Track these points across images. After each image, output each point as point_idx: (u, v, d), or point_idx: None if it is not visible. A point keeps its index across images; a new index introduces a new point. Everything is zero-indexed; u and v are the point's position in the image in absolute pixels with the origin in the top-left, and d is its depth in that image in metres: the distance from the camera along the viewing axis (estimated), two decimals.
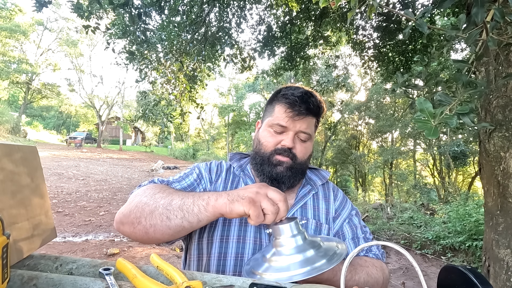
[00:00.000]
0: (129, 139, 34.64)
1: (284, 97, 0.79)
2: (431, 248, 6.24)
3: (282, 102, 0.79)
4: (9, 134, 19.35)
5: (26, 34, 23.56)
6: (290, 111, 0.77)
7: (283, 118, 0.78)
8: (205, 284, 0.48)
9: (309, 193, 0.86)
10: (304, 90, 0.80)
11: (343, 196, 0.91)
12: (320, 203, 0.86)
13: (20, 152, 0.53)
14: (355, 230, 0.83)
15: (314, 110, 0.79)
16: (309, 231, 0.78)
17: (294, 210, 0.81)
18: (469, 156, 13.37)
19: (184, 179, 0.83)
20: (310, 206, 0.84)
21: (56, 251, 4.01)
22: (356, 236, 0.82)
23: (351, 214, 0.87)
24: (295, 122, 0.77)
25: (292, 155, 0.79)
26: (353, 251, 0.44)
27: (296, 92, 0.78)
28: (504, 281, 1.71)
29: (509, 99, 1.68)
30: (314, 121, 0.82)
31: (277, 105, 0.80)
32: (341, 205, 0.88)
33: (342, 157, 19.61)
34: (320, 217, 0.83)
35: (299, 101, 0.76)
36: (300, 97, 0.77)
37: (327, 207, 0.86)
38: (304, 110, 0.77)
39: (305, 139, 0.80)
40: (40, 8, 2.83)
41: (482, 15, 0.78)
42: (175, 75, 4.75)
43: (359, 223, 0.86)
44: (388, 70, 5.14)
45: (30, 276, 0.46)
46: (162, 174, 13.28)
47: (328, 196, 0.89)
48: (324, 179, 0.91)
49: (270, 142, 0.80)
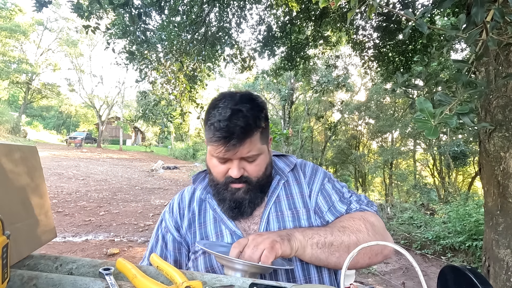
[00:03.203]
0: (129, 139, 34.64)
1: (211, 130, 0.68)
2: (431, 248, 6.24)
3: (211, 136, 0.68)
4: (9, 134, 19.35)
5: (26, 34, 23.58)
6: (222, 148, 0.68)
7: (218, 154, 0.70)
8: (205, 284, 0.48)
9: (278, 184, 0.83)
10: (232, 110, 0.67)
11: (311, 169, 0.87)
12: (293, 189, 0.83)
13: (20, 152, 0.53)
14: (328, 199, 0.80)
15: (250, 131, 0.68)
16: (286, 224, 0.77)
17: (268, 210, 0.79)
18: (469, 156, 13.37)
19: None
20: (283, 197, 0.81)
21: (56, 251, 4.01)
22: (332, 205, 0.78)
23: (323, 184, 0.83)
24: (234, 153, 0.69)
25: (245, 179, 0.74)
26: (352, 252, 0.44)
27: (223, 118, 0.67)
28: (504, 281, 1.71)
29: (509, 99, 1.68)
30: (257, 136, 0.71)
31: (209, 140, 0.70)
32: (311, 179, 0.84)
33: (342, 157, 19.62)
34: (296, 203, 0.80)
35: (228, 133, 0.66)
36: (227, 129, 0.66)
37: (301, 189, 0.83)
38: (237, 140, 0.67)
39: (253, 159, 0.73)
40: (40, 8, 2.83)
41: (482, 15, 0.78)
42: (175, 75, 4.75)
43: (332, 187, 0.82)
44: (388, 70, 5.13)
45: (30, 276, 0.46)
46: (162, 175, 13.28)
47: (298, 177, 0.85)
48: (292, 164, 0.87)
49: (219, 172, 0.74)
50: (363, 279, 5.03)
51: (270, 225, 0.78)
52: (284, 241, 0.63)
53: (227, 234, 0.78)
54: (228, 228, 0.79)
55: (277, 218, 0.78)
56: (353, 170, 21.09)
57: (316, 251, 0.67)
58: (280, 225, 0.77)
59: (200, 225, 0.82)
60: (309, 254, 0.67)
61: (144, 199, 7.82)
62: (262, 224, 0.77)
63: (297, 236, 0.67)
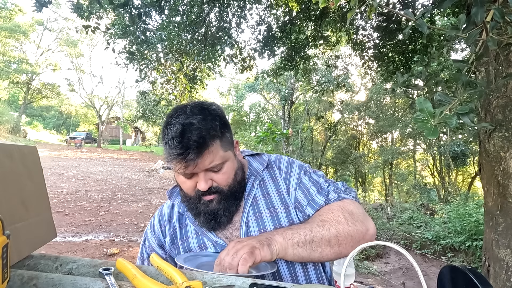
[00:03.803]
0: (129, 139, 34.64)
1: (167, 151, 0.67)
2: (431, 248, 6.24)
3: (169, 157, 0.67)
4: (9, 134, 19.36)
5: (26, 34, 23.58)
6: (180, 166, 0.66)
7: (180, 169, 0.68)
8: (205, 284, 0.48)
9: (254, 185, 0.81)
10: (182, 127, 0.66)
11: (287, 164, 0.85)
12: (269, 187, 0.82)
13: (20, 152, 0.53)
14: (307, 193, 0.78)
15: (206, 142, 0.67)
16: (265, 225, 0.77)
17: (246, 212, 0.78)
18: (469, 156, 13.38)
19: None
20: (260, 198, 0.80)
21: (56, 251, 4.01)
22: (311, 199, 0.77)
23: (299, 178, 0.81)
24: (194, 166, 0.67)
25: (215, 189, 0.72)
26: (352, 252, 0.44)
27: (175, 135, 0.65)
28: (504, 281, 1.71)
29: (509, 99, 1.68)
30: (216, 144, 0.69)
31: (168, 160, 0.69)
32: (287, 174, 0.83)
33: (342, 157, 19.62)
34: (274, 202, 0.79)
35: (182, 150, 0.64)
36: (180, 146, 0.64)
37: (277, 186, 0.81)
38: (194, 155, 0.65)
39: (218, 168, 0.71)
40: (40, 8, 2.83)
41: (482, 15, 0.78)
42: (175, 75, 4.76)
43: (309, 180, 0.81)
44: (388, 70, 5.13)
45: (30, 276, 0.46)
46: (162, 175, 13.28)
47: (274, 175, 0.84)
48: (265, 162, 0.85)
49: (188, 188, 0.73)
50: (363, 279, 5.03)
51: (250, 228, 0.77)
52: (264, 246, 0.63)
53: (210, 246, 0.78)
54: (210, 240, 0.78)
55: (256, 220, 0.77)
56: (353, 170, 21.10)
57: (298, 251, 0.67)
58: (260, 226, 0.76)
59: (182, 240, 0.82)
60: (291, 255, 0.67)
61: (144, 199, 7.82)
62: (243, 228, 0.77)
63: (277, 239, 0.66)
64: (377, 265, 5.97)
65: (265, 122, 24.51)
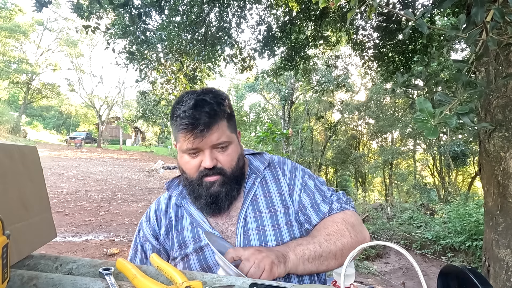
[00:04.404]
0: (129, 139, 34.62)
1: (178, 121, 0.71)
2: (431, 248, 6.24)
3: (178, 127, 0.71)
4: (9, 134, 19.35)
5: (26, 34, 23.57)
6: (191, 136, 0.69)
7: (188, 143, 0.71)
8: (205, 284, 0.48)
9: (254, 183, 0.83)
10: (195, 99, 0.71)
11: (290, 166, 0.87)
12: (270, 187, 0.83)
13: (20, 152, 0.53)
14: (312, 197, 0.81)
15: (215, 115, 0.71)
16: (264, 223, 0.78)
17: (245, 209, 0.79)
18: (469, 156, 13.38)
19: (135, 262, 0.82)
20: (260, 196, 0.81)
21: (56, 251, 4.01)
22: (315, 203, 0.80)
23: (304, 181, 0.84)
24: (202, 140, 0.70)
25: (219, 170, 0.74)
26: (352, 252, 0.44)
27: (187, 107, 0.70)
28: (504, 281, 1.71)
29: (509, 99, 1.68)
30: (224, 123, 0.73)
31: (177, 131, 0.72)
32: (292, 177, 0.85)
33: (342, 157, 19.62)
34: (274, 201, 0.81)
35: (194, 119, 0.69)
36: (193, 115, 0.69)
37: (279, 187, 0.83)
38: (205, 126, 0.69)
39: (224, 147, 0.74)
40: (40, 8, 2.83)
41: (482, 15, 0.78)
42: (175, 75, 4.76)
43: (314, 186, 0.83)
44: (388, 70, 5.13)
45: (30, 276, 0.46)
46: (162, 175, 13.28)
47: (276, 175, 0.85)
48: (266, 161, 0.87)
49: (192, 168, 0.75)
50: (363, 279, 5.03)
51: (248, 224, 0.77)
52: (281, 264, 0.65)
53: (204, 238, 0.77)
54: (204, 231, 0.78)
55: (255, 218, 0.78)
56: (353, 170, 21.11)
57: (307, 266, 0.69)
58: (258, 224, 0.77)
59: (177, 232, 0.82)
60: (301, 270, 0.69)
61: (144, 199, 7.82)
62: (240, 224, 0.77)
63: (291, 257, 0.68)
64: (377, 265, 5.97)
65: (265, 122, 24.52)
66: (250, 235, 0.76)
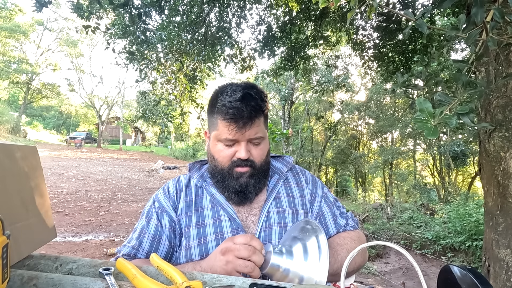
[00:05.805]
0: (129, 139, 34.63)
1: (223, 110, 0.72)
2: (431, 248, 6.24)
3: (222, 116, 0.72)
4: (9, 134, 19.35)
5: (26, 34, 23.57)
6: (234, 126, 0.71)
7: (229, 133, 0.72)
8: (205, 284, 0.48)
9: (278, 182, 0.86)
10: (242, 92, 0.73)
11: (311, 177, 0.93)
12: (293, 190, 0.87)
13: (20, 152, 0.53)
14: (332, 208, 0.87)
15: (259, 110, 0.74)
16: (286, 221, 0.80)
17: (269, 204, 0.81)
18: (469, 156, 13.39)
19: (147, 233, 0.79)
20: (284, 195, 0.84)
21: (56, 251, 4.01)
22: (334, 215, 0.86)
23: (324, 192, 0.90)
24: (243, 132, 0.72)
25: (251, 163, 0.77)
26: (352, 253, 0.44)
27: (234, 99, 0.71)
28: (504, 281, 1.71)
29: (509, 99, 1.68)
30: (262, 120, 0.76)
31: (219, 120, 0.74)
32: (314, 186, 0.90)
33: (342, 157, 19.63)
34: (296, 204, 0.84)
35: (240, 111, 0.70)
36: (239, 107, 0.70)
37: (301, 192, 0.87)
38: (248, 119, 0.71)
39: (259, 142, 0.77)
40: (40, 8, 2.83)
41: (482, 15, 0.78)
42: (175, 75, 4.75)
43: (333, 199, 0.90)
44: (388, 70, 5.14)
45: (30, 276, 0.46)
46: (162, 175, 13.28)
47: (300, 181, 0.89)
48: (289, 164, 0.91)
49: (225, 156, 0.76)
50: (363, 279, 5.03)
51: (271, 219, 0.79)
52: None
53: (226, 219, 0.78)
54: (227, 213, 0.79)
55: (277, 213, 0.81)
56: (353, 170, 21.11)
57: None
58: (280, 220, 0.80)
59: (197, 209, 0.81)
60: None
61: (144, 199, 7.82)
62: (262, 217, 0.79)
63: None
64: (377, 265, 5.97)
65: None
66: (272, 229, 0.78)
